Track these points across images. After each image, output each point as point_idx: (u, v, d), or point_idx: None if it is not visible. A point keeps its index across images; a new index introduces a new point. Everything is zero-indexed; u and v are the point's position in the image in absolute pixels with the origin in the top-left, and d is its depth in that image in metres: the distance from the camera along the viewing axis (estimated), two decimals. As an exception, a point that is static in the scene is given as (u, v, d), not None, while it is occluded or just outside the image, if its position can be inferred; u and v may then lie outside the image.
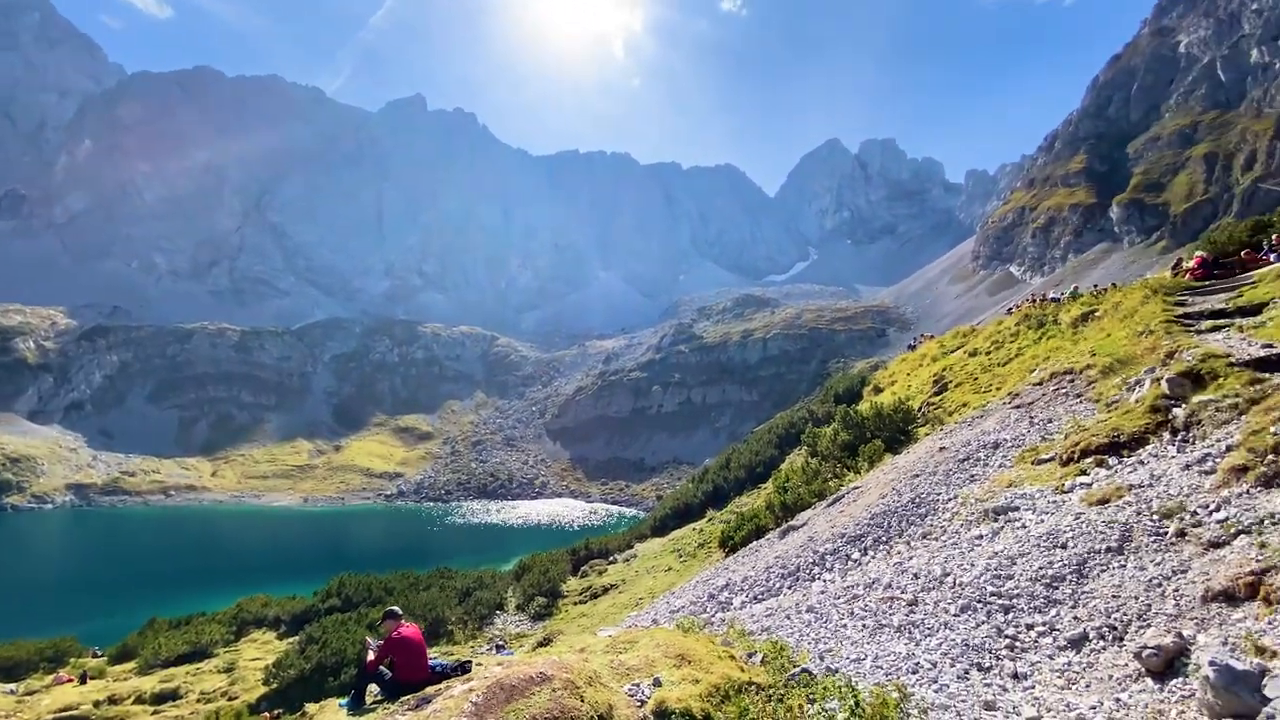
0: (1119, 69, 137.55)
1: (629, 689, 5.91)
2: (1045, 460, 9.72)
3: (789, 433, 40.44)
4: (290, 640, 27.84)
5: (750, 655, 7.28)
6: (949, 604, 6.66)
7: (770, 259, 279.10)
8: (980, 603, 6.40)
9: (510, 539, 74.08)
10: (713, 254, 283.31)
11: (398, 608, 8.28)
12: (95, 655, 29.82)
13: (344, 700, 8.13)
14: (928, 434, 18.18)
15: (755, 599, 11.71)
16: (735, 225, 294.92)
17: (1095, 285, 49.14)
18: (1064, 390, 12.88)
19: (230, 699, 22.44)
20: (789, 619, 8.81)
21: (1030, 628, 5.74)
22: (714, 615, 11.79)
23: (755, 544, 18.20)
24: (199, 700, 22.83)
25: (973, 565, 7.26)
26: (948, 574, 7.41)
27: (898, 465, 15.31)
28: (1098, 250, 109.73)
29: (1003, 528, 8.03)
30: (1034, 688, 4.98)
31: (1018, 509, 8.35)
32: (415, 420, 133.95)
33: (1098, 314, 17.92)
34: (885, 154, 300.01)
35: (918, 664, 5.79)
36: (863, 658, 6.32)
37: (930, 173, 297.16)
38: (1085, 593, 5.82)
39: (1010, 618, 5.99)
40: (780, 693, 5.60)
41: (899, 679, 5.56)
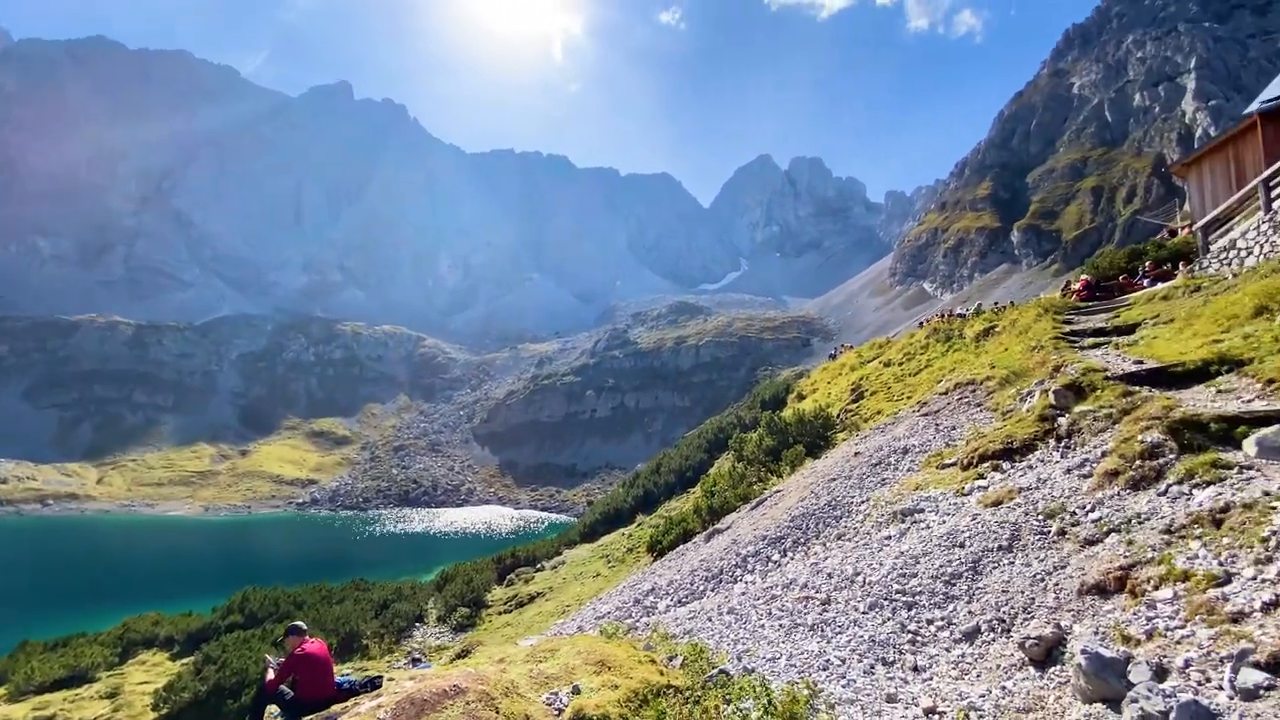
0: (1021, 104, 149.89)
1: (547, 698, 5.81)
2: (948, 465, 10.38)
3: (718, 438, 41.23)
4: (185, 661, 25.66)
5: (671, 658, 7.33)
6: (859, 602, 6.98)
7: (705, 268, 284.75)
8: (887, 600, 6.74)
9: (433, 548, 71.48)
10: (650, 260, 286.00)
11: (302, 622, 7.81)
12: (-52, 685, 26.35)
13: (240, 724, 7.57)
14: (845, 439, 19.01)
15: (680, 602, 11.82)
16: (673, 233, 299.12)
17: (996, 303, 53.08)
18: (966, 400, 13.83)
19: (111, 728, 20.41)
20: (711, 621, 8.95)
21: (930, 622, 6.10)
22: (639, 620, 11.81)
23: (682, 548, 18.41)
24: (74, 731, 20.64)
25: (881, 565, 7.64)
26: (859, 573, 7.75)
27: (817, 469, 15.91)
28: (1000, 271, 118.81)
29: (909, 529, 8.51)
30: (932, 679, 5.28)
31: (923, 511, 8.87)
32: (332, 424, 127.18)
33: (997, 330, 19.37)
34: (813, 172, 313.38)
35: (828, 661, 6.02)
36: (778, 656, 6.51)
37: (853, 192, 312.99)
38: (979, 588, 6.25)
39: (913, 614, 6.34)
40: (698, 695, 5.67)
41: (810, 676, 5.76)
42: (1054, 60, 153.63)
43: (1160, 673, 3.97)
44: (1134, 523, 5.83)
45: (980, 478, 9.11)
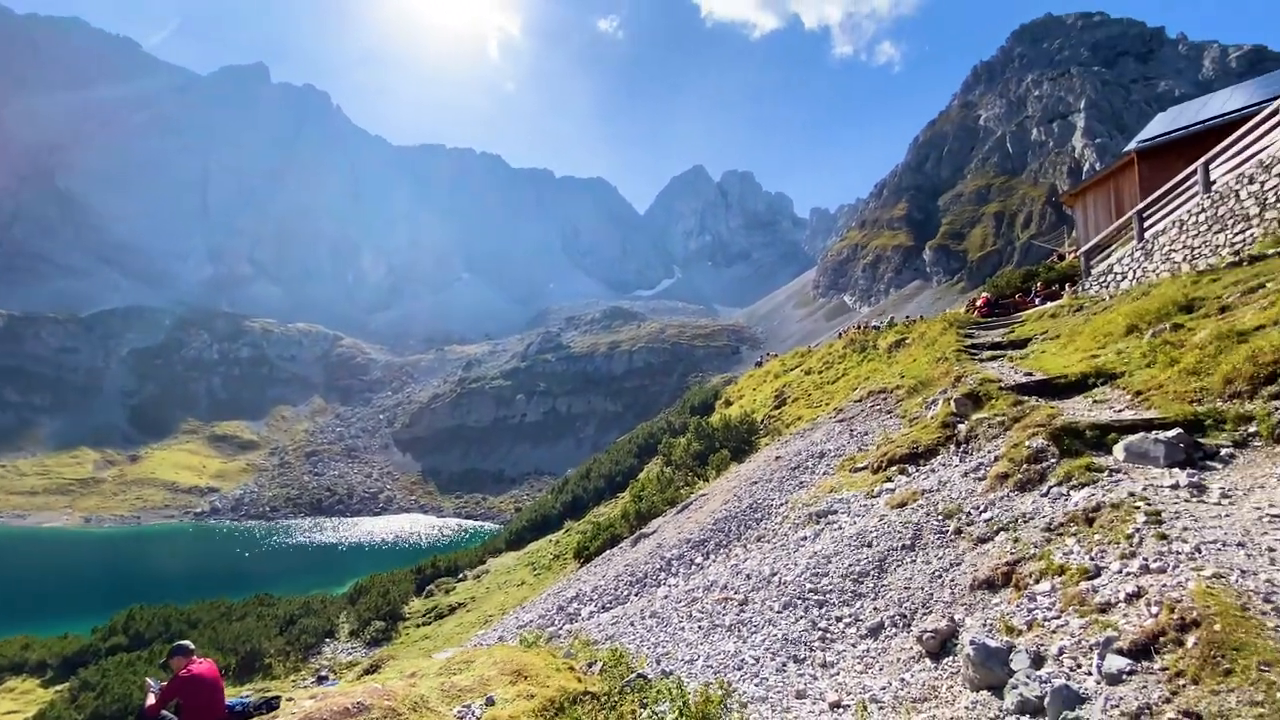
0: (934, 132, 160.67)
1: (459, 711, 5.62)
2: (860, 469, 10.90)
3: (648, 443, 41.46)
4: (59, 688, 23.11)
5: (591, 665, 7.27)
6: (774, 601, 7.19)
7: (639, 274, 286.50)
8: (800, 599, 6.97)
9: (348, 560, 67.89)
10: (584, 264, 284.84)
11: (189, 642, 7.21)
12: None
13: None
14: (768, 444, 19.60)
15: (604, 608, 11.76)
16: (608, 238, 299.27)
17: (908, 316, 56.46)
18: (879, 407, 14.59)
19: (-41, 770, 18.06)
20: (633, 625, 8.96)
21: (839, 620, 6.36)
22: (561, 627, 11.66)
23: (609, 553, 18.36)
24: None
25: (796, 565, 7.90)
26: (775, 573, 7.98)
27: (740, 473, 16.31)
28: (913, 286, 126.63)
29: (823, 529, 8.85)
30: (839, 674, 5.50)
31: (836, 512, 9.26)
32: (236, 427, 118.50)
33: (908, 342, 20.57)
34: (744, 185, 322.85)
35: (743, 660, 6.16)
36: (696, 658, 6.60)
37: (782, 206, 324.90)
38: (884, 586, 6.57)
39: (824, 611, 6.59)
40: (614, 700, 5.65)
41: (725, 676, 5.87)
42: (964, 93, 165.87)
43: (1038, 660, 4.29)
44: (1020, 521, 6.29)
45: (888, 480, 9.62)
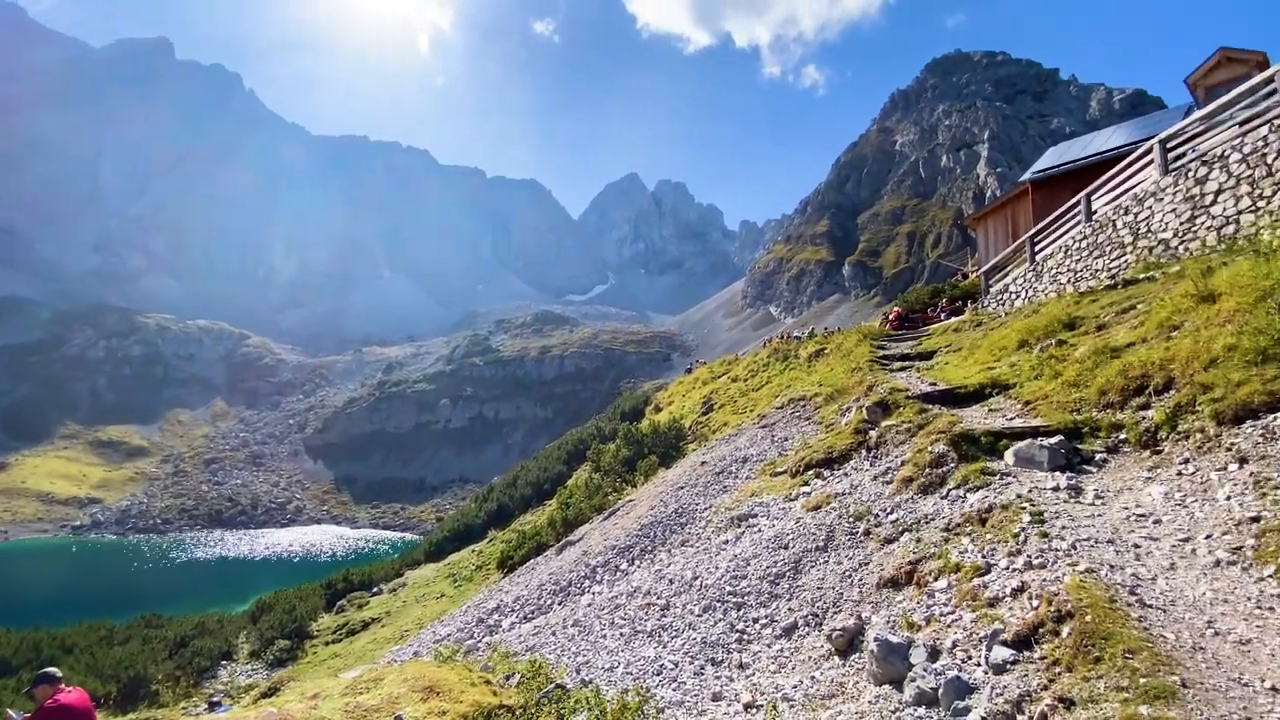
0: (855, 154, 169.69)
1: (365, 732, 5.33)
2: (780, 473, 11.27)
3: (578, 449, 41.15)
4: (-111, 732, 20.12)
5: (509, 677, 7.09)
6: (695, 605, 7.28)
7: (572, 279, 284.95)
8: (720, 602, 7.10)
9: (251, 575, 63.18)
10: (515, 267, 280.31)
11: (55, 669, 6.49)
12: None
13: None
14: (695, 450, 19.93)
15: (525, 618, 11.53)
16: (541, 241, 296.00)
17: (828, 328, 59.06)
18: (798, 414, 15.16)
19: None
20: (555, 635, 8.83)
21: (756, 621, 6.52)
22: (481, 640, 11.33)
23: (534, 562, 18.05)
24: None
25: (718, 568, 8.04)
26: (697, 577, 8.10)
27: (667, 479, 16.48)
28: (833, 299, 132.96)
29: (744, 533, 9.07)
30: (754, 675, 5.63)
31: (756, 516, 9.52)
32: (124, 432, 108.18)
33: (826, 352, 21.52)
34: (677, 195, 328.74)
35: (663, 665, 6.19)
36: (616, 666, 6.58)
37: (713, 218, 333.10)
38: (799, 586, 6.80)
39: (742, 613, 6.74)
40: (531, 713, 5.53)
41: (644, 682, 5.88)
42: (882, 118, 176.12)
43: (934, 654, 4.55)
44: (922, 523, 6.69)
45: (805, 484, 10.00)
